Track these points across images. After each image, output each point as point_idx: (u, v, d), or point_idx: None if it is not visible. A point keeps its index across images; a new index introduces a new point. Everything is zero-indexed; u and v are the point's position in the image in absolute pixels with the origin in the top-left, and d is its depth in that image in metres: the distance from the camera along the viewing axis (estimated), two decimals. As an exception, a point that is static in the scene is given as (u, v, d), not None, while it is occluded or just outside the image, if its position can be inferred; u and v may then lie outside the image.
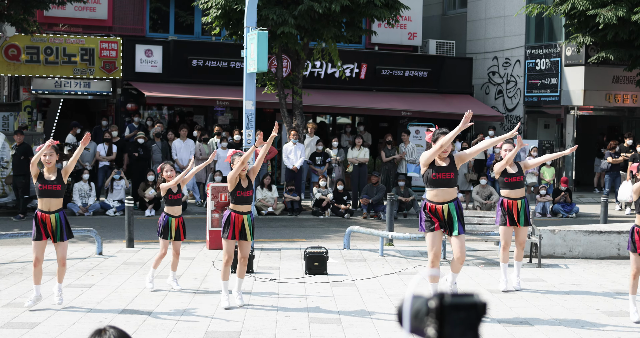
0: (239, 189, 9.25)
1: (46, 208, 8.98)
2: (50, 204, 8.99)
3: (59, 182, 8.97)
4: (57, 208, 9.04)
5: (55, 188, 8.96)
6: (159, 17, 24.76)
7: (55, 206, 9.02)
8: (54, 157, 8.99)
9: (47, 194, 8.95)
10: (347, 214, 18.86)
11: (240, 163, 9.11)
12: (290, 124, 20.09)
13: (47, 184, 8.92)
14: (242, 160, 9.11)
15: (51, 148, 9.01)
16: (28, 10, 19.36)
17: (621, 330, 8.56)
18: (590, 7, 20.77)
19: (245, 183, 9.30)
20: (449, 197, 8.95)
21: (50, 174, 8.99)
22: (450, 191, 8.98)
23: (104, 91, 22.84)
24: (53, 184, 8.95)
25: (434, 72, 26.06)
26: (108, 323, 8.38)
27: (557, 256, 13.01)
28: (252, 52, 12.86)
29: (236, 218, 9.21)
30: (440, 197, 8.93)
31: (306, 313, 9.02)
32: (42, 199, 9.01)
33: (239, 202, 9.26)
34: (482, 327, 2.05)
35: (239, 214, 9.23)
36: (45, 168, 9.01)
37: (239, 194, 9.25)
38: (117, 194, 18.50)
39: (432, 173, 8.89)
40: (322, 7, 17.79)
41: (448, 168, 8.91)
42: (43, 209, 8.99)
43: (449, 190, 8.96)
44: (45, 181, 8.93)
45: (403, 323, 2.07)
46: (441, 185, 8.90)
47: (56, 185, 8.96)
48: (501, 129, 26.70)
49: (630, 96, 25.18)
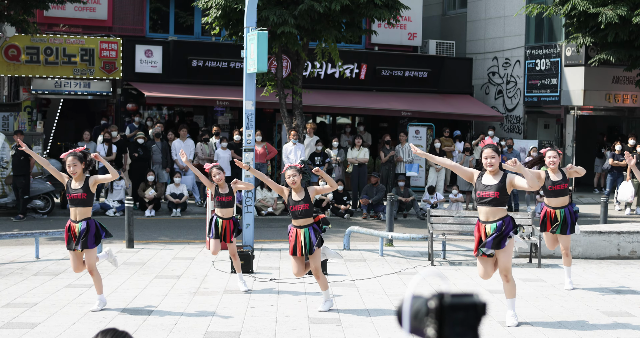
0: (290, 203, 9.15)
1: (73, 217, 8.93)
2: (76, 213, 8.90)
3: (85, 190, 8.82)
4: (83, 217, 8.89)
5: (80, 197, 8.81)
6: (158, 17, 24.76)
7: (81, 215, 8.88)
8: (78, 167, 8.80)
9: (73, 203, 8.88)
10: (347, 214, 18.86)
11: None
12: (290, 125, 20.09)
13: (71, 193, 8.85)
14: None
15: (75, 159, 8.82)
16: (28, 10, 19.37)
17: (621, 331, 8.56)
18: (590, 7, 20.77)
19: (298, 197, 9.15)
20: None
21: (76, 183, 8.87)
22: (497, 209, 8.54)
23: (104, 91, 22.84)
24: (77, 192, 8.82)
25: (434, 72, 26.06)
26: (108, 324, 8.41)
27: (557, 256, 13.00)
28: (252, 53, 12.86)
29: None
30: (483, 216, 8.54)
31: (306, 313, 9.02)
32: (70, 208, 8.97)
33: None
34: (482, 327, 2.05)
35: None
36: (73, 178, 8.90)
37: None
38: (117, 194, 18.50)
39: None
40: (323, 6, 17.78)
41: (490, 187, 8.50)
42: (71, 218, 8.95)
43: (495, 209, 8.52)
44: (71, 190, 8.85)
45: (403, 323, 2.07)
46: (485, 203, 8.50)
47: (81, 194, 8.81)
48: (501, 130, 26.71)
49: (630, 96, 25.18)
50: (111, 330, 3.04)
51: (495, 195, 8.30)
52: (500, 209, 8.40)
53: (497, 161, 8.38)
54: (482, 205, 8.41)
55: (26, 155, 17.23)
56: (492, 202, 8.34)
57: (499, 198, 8.33)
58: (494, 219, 8.40)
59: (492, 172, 8.41)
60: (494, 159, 8.35)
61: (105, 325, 8.31)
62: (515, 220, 8.72)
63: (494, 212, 8.39)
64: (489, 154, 8.37)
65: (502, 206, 8.42)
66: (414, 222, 18.32)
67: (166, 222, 17.14)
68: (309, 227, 9.10)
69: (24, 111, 22.45)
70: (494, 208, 8.36)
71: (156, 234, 15.44)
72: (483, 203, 8.39)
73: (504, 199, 8.41)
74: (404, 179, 19.96)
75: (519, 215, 13.20)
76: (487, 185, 8.37)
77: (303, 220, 9.09)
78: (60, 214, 17.93)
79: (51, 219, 17.24)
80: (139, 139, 19.47)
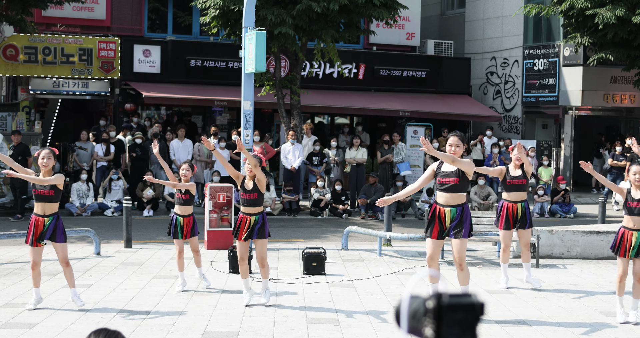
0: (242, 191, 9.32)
1: (40, 212, 8.97)
2: (44, 209, 8.97)
3: (52, 187, 8.93)
4: (51, 213, 9.00)
5: (47, 193, 8.92)
6: (157, 17, 24.75)
7: (50, 211, 8.99)
8: (51, 161, 8.98)
9: (40, 199, 8.94)
10: (345, 214, 18.86)
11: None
12: (289, 125, 20.09)
13: (39, 189, 8.91)
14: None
15: (50, 153, 9.01)
16: (26, 10, 19.35)
17: (619, 330, 8.56)
18: (589, 6, 20.77)
19: (250, 186, 9.30)
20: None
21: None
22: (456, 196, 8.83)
23: (102, 91, 22.82)
24: (45, 189, 8.92)
25: (432, 72, 26.07)
26: (106, 324, 8.40)
27: (555, 256, 13.02)
28: (250, 53, 12.86)
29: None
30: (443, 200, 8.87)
31: (304, 313, 9.02)
32: (36, 204, 9.00)
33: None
34: (480, 328, 2.05)
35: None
36: (42, 172, 8.97)
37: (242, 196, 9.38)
38: (115, 194, 18.49)
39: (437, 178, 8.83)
40: (321, 6, 17.78)
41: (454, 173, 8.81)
42: (38, 213, 8.97)
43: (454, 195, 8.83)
44: (38, 186, 8.91)
45: (401, 323, 2.07)
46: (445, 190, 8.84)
47: (49, 191, 8.92)
48: (499, 130, 26.72)
49: (628, 96, 25.20)
50: (103, 330, 3.04)
51: (455, 181, 8.66)
52: (460, 195, 8.76)
53: (460, 150, 8.75)
54: (443, 191, 8.75)
55: (24, 155, 17.23)
56: (452, 188, 8.69)
57: (458, 184, 8.68)
58: (454, 204, 8.72)
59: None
60: (458, 148, 8.69)
61: (103, 325, 8.31)
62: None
63: (453, 198, 8.72)
64: (455, 142, 8.73)
65: (462, 193, 8.80)
66: (412, 222, 18.32)
67: (164, 222, 17.11)
68: (259, 215, 9.32)
69: (22, 110, 22.43)
70: (453, 194, 8.70)
71: (154, 234, 15.43)
72: (444, 189, 8.74)
73: (464, 185, 8.77)
74: (402, 179, 19.95)
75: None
76: (447, 172, 8.70)
77: (252, 208, 9.29)
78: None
79: (49, 219, 17.21)
80: (137, 139, 19.46)
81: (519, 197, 10.59)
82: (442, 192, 8.79)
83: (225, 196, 13.23)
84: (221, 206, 13.31)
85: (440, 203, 8.77)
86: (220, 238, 13.18)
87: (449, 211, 8.72)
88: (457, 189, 8.72)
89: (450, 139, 8.77)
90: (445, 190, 8.74)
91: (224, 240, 13.12)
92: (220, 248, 13.06)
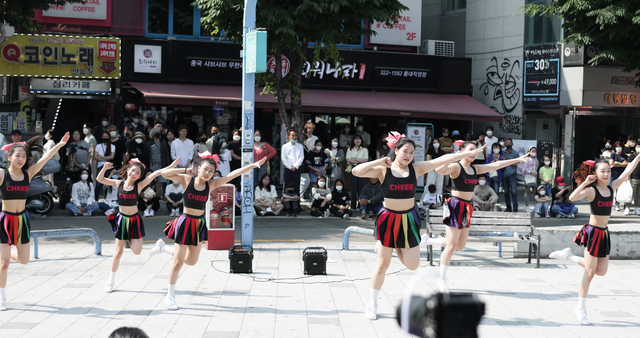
0: (190, 191, 9.14)
1: (14, 210, 8.93)
2: (18, 206, 8.95)
3: (25, 183, 8.93)
4: (23, 209, 9.01)
5: (23, 190, 8.92)
6: (157, 17, 24.75)
7: (22, 207, 8.99)
8: (25, 159, 8.94)
9: (15, 195, 8.88)
10: (346, 214, 18.86)
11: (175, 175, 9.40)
12: (289, 125, 20.09)
13: (15, 186, 8.85)
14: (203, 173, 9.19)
15: (24, 150, 8.95)
16: (27, 10, 19.36)
17: (620, 330, 8.56)
18: (589, 7, 20.78)
19: (202, 188, 9.18)
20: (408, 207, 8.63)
21: (18, 175, 8.91)
22: (409, 201, 8.63)
23: (102, 91, 22.84)
24: (21, 185, 8.89)
25: (433, 72, 26.07)
26: (107, 324, 8.41)
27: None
28: (251, 53, 12.86)
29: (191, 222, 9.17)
30: (399, 207, 8.58)
31: (305, 313, 9.02)
32: (9, 201, 8.90)
33: (189, 205, 9.19)
34: (481, 328, 2.05)
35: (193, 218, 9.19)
36: (12, 168, 8.91)
37: (190, 197, 9.15)
38: (115, 194, 18.46)
39: (390, 184, 8.48)
40: (322, 7, 17.79)
41: (408, 180, 8.52)
42: (11, 211, 8.91)
43: (408, 201, 8.61)
44: (14, 183, 8.85)
45: (402, 323, 2.07)
46: (400, 196, 8.53)
47: (23, 186, 8.91)
48: (500, 130, 26.72)
49: (629, 97, 25.20)
50: (127, 329, 3.02)
51: (411, 187, 8.56)
52: (413, 199, 8.73)
53: (412, 157, 8.59)
54: (400, 197, 8.51)
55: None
56: (410, 194, 8.58)
57: (413, 190, 8.64)
58: (410, 208, 8.62)
59: (403, 166, 8.54)
60: (411, 155, 8.53)
61: (104, 325, 8.31)
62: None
63: (409, 203, 8.61)
64: (410, 149, 8.50)
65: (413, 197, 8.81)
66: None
67: (165, 222, 17.11)
68: (202, 217, 9.28)
69: (22, 110, 22.44)
70: (409, 199, 8.59)
71: (155, 234, 15.42)
72: (401, 195, 8.51)
73: (415, 190, 8.81)
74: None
75: (518, 215, 13.21)
76: (402, 178, 8.49)
77: (199, 211, 9.21)
78: (60, 214, 17.94)
79: (50, 219, 17.23)
80: (138, 139, 19.47)
81: (470, 197, 10.36)
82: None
83: (226, 196, 13.24)
84: (222, 206, 13.31)
85: (397, 210, 8.55)
86: (221, 238, 13.18)
87: (406, 216, 8.62)
88: (412, 194, 8.69)
89: (407, 145, 8.52)
90: (403, 196, 8.56)
91: (225, 240, 13.12)
92: (221, 248, 13.07)
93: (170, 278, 9.24)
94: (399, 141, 8.56)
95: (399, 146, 8.53)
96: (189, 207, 9.18)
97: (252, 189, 13.39)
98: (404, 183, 8.47)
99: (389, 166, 8.48)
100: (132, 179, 10.07)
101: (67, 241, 14.00)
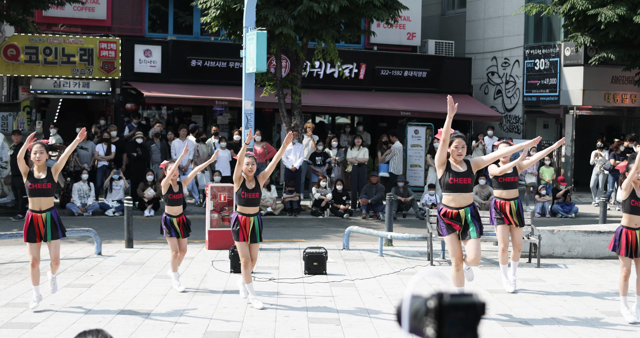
0: (243, 190, 9.22)
1: (37, 208, 8.94)
2: (41, 204, 8.95)
3: (49, 180, 8.92)
4: (48, 207, 8.99)
5: (45, 187, 8.90)
6: (157, 17, 24.75)
7: (46, 205, 8.97)
8: (44, 155, 8.95)
9: (38, 193, 8.90)
10: (346, 214, 18.86)
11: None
12: (290, 124, 20.08)
13: (37, 183, 8.88)
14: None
15: (41, 146, 8.96)
16: (27, 10, 19.35)
17: (620, 330, 8.56)
18: (589, 6, 20.79)
19: (252, 185, 9.27)
20: (465, 202, 8.75)
21: (40, 173, 8.93)
22: (467, 196, 8.77)
23: (103, 91, 22.84)
24: (43, 182, 8.89)
25: (433, 72, 26.06)
26: (107, 324, 8.40)
27: (556, 256, 13.02)
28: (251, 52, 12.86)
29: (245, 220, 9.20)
30: (456, 202, 8.72)
31: (305, 313, 9.02)
32: (32, 199, 8.95)
33: (244, 204, 9.22)
34: (481, 327, 2.05)
35: (247, 216, 9.21)
36: (35, 167, 8.96)
37: (243, 196, 9.21)
38: (116, 194, 18.50)
39: (449, 178, 8.68)
40: (322, 7, 17.79)
41: (465, 173, 8.69)
42: (34, 209, 8.95)
43: (465, 195, 8.75)
44: (35, 180, 8.88)
45: (402, 323, 2.07)
46: (458, 190, 8.68)
47: (46, 184, 8.90)
48: (500, 129, 26.72)
49: (629, 96, 25.19)
50: (88, 332, 2.93)
51: (469, 181, 8.73)
52: (470, 195, 8.87)
53: (465, 151, 8.76)
54: (458, 190, 8.66)
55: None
56: (468, 188, 8.74)
57: (470, 184, 8.80)
58: (468, 204, 8.73)
59: (458, 161, 8.73)
60: (463, 149, 8.72)
61: (104, 325, 8.31)
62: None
63: (467, 198, 8.75)
64: (461, 144, 8.74)
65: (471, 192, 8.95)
66: (413, 222, 18.32)
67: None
68: (257, 215, 9.29)
69: (23, 110, 22.44)
70: (467, 194, 8.74)
71: (155, 234, 15.43)
72: (460, 189, 8.66)
73: (473, 184, 8.98)
74: (403, 179, 19.96)
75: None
76: (460, 172, 8.67)
77: (252, 208, 9.24)
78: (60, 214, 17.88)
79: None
80: (138, 138, 19.47)
81: (511, 195, 10.46)
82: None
83: (226, 196, 13.23)
84: (222, 206, 13.31)
85: (454, 206, 8.73)
86: (221, 238, 13.18)
87: (463, 211, 8.84)
88: (470, 188, 8.90)
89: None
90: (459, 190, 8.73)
91: (225, 240, 13.12)
92: (222, 248, 13.07)
93: (244, 278, 9.27)
94: (449, 138, 8.76)
95: (450, 143, 8.71)
96: (241, 206, 9.24)
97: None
98: (462, 177, 8.65)
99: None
100: (174, 178, 10.15)
101: (68, 241, 14.00)
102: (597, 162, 21.89)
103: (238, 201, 9.28)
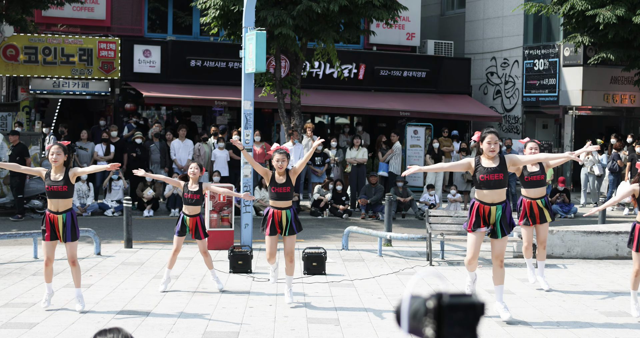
0: (273, 185, 9.35)
1: (54, 209, 8.96)
2: (58, 205, 8.95)
3: (65, 182, 8.90)
4: (65, 208, 8.98)
5: (61, 189, 8.90)
6: (157, 17, 24.76)
7: (63, 207, 8.97)
8: (61, 157, 8.92)
9: (54, 194, 8.91)
10: (346, 214, 18.86)
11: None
12: (289, 125, 20.08)
13: (53, 185, 8.89)
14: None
15: (59, 148, 8.95)
16: (27, 10, 19.35)
17: (620, 330, 8.56)
18: (589, 7, 20.80)
19: (282, 180, 9.38)
20: (498, 198, 8.74)
21: (57, 175, 8.93)
22: (500, 192, 8.75)
23: (102, 91, 22.84)
24: (59, 185, 8.89)
25: (432, 72, 26.07)
26: (106, 324, 8.40)
27: (556, 256, 13.02)
28: (251, 53, 12.86)
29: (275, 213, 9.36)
30: (489, 198, 8.73)
31: (304, 313, 9.02)
32: (50, 200, 8.99)
33: (275, 198, 9.37)
34: (480, 327, 2.05)
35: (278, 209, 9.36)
36: (53, 168, 8.96)
37: (273, 190, 9.36)
38: (115, 194, 18.49)
39: (480, 175, 8.65)
40: (321, 7, 17.79)
41: (497, 169, 8.67)
42: (51, 210, 8.97)
43: (498, 191, 8.73)
44: (52, 182, 8.89)
45: (401, 323, 2.07)
46: (489, 187, 8.66)
47: (62, 186, 8.89)
48: (499, 130, 26.72)
49: (629, 96, 25.20)
50: (108, 330, 2.99)
51: (501, 177, 8.67)
52: (503, 191, 8.80)
53: (497, 147, 8.70)
54: (489, 187, 8.66)
55: (22, 155, 17.22)
56: (500, 184, 8.68)
57: (503, 180, 8.70)
58: (500, 201, 8.74)
59: (491, 157, 8.70)
60: (496, 145, 8.65)
61: (103, 325, 8.31)
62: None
63: (499, 194, 8.73)
64: (493, 140, 8.65)
65: (505, 188, 8.84)
66: (412, 222, 18.32)
67: (164, 222, 17.12)
68: (289, 209, 9.41)
69: (22, 111, 22.43)
70: (499, 190, 8.71)
71: (154, 234, 15.44)
72: (491, 185, 8.65)
73: (506, 180, 8.82)
74: (402, 179, 19.95)
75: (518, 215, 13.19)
76: (491, 168, 8.66)
77: (284, 202, 9.38)
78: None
79: (49, 219, 17.21)
80: (137, 139, 19.47)
81: (538, 193, 10.44)
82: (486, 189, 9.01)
83: (225, 196, 13.23)
84: (221, 206, 13.31)
85: (486, 202, 8.75)
86: (220, 238, 13.18)
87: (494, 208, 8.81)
88: (502, 184, 8.81)
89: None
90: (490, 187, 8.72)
91: (225, 240, 13.12)
92: (221, 248, 13.07)
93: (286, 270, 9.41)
94: (482, 133, 8.74)
95: (482, 138, 8.69)
96: (273, 200, 9.38)
97: (251, 189, 13.39)
98: (493, 173, 8.61)
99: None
100: (194, 178, 10.22)
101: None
102: (586, 162, 21.84)
103: (269, 195, 9.49)
